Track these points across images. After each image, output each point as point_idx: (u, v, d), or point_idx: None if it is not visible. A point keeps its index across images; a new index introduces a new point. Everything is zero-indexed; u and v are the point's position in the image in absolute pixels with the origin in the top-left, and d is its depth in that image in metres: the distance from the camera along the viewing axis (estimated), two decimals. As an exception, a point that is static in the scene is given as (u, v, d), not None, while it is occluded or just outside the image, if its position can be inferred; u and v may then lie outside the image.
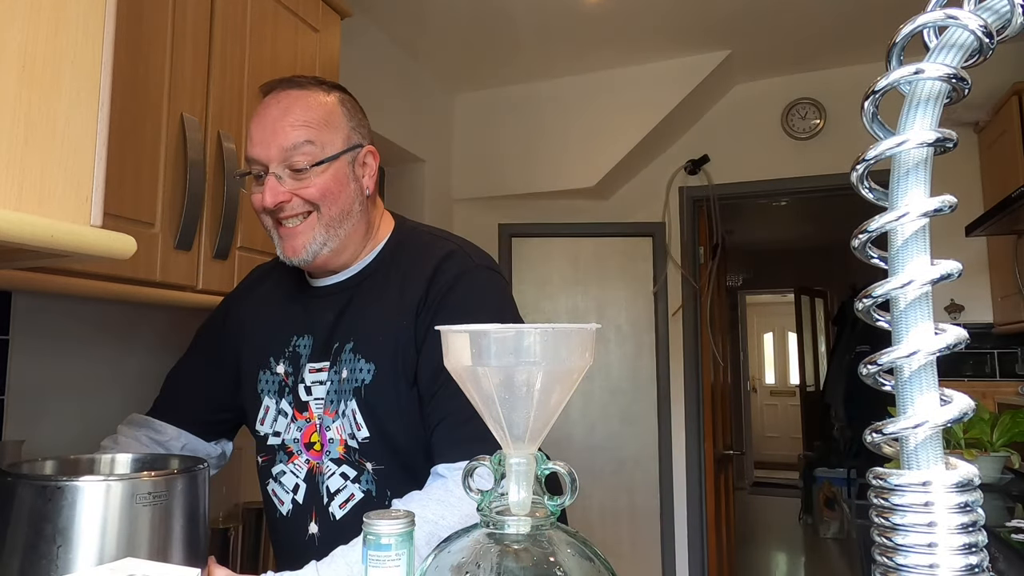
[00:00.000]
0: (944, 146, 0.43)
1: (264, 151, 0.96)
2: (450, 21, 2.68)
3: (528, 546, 0.55)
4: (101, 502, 0.73)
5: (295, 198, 0.96)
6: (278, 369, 1.06)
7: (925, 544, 0.42)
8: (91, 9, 0.80)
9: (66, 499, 0.73)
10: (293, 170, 0.96)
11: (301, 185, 0.96)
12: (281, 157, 0.95)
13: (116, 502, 0.74)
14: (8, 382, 1.27)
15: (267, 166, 0.96)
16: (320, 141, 0.97)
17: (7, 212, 0.70)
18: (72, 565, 0.72)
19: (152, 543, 0.76)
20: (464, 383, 0.59)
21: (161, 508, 0.77)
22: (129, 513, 0.75)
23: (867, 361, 0.46)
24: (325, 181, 0.97)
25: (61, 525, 0.72)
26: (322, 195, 0.97)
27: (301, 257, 0.99)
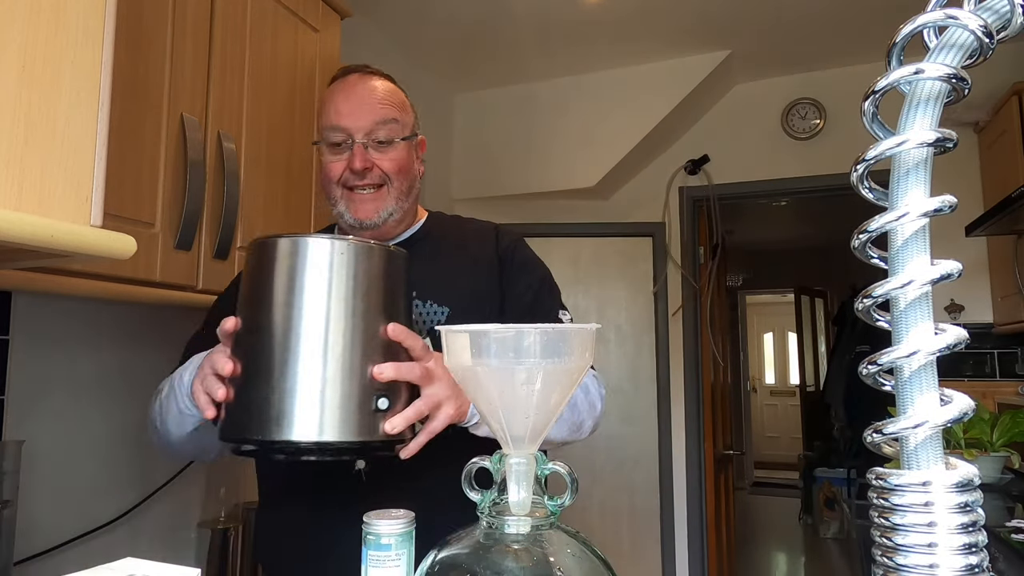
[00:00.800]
0: (944, 146, 0.43)
1: (354, 121, 1.06)
2: (450, 21, 2.68)
3: (528, 546, 0.55)
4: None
5: (375, 167, 1.07)
6: None
7: (925, 544, 0.42)
8: (91, 9, 0.80)
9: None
10: (377, 142, 1.07)
11: (382, 156, 1.08)
12: (369, 128, 1.06)
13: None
14: (8, 382, 1.27)
15: (353, 136, 1.06)
16: (401, 121, 1.10)
17: (7, 212, 0.70)
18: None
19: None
20: (464, 383, 0.59)
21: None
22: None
23: (867, 361, 0.46)
24: (401, 156, 1.09)
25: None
26: (397, 169, 1.08)
27: (373, 220, 1.08)
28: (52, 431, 1.35)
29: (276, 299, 0.76)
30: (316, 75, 1.64)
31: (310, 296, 0.75)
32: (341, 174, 1.07)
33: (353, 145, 1.06)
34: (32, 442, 1.28)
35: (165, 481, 1.57)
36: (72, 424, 1.39)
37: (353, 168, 1.06)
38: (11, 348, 1.28)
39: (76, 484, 1.39)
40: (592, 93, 3.21)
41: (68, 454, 1.38)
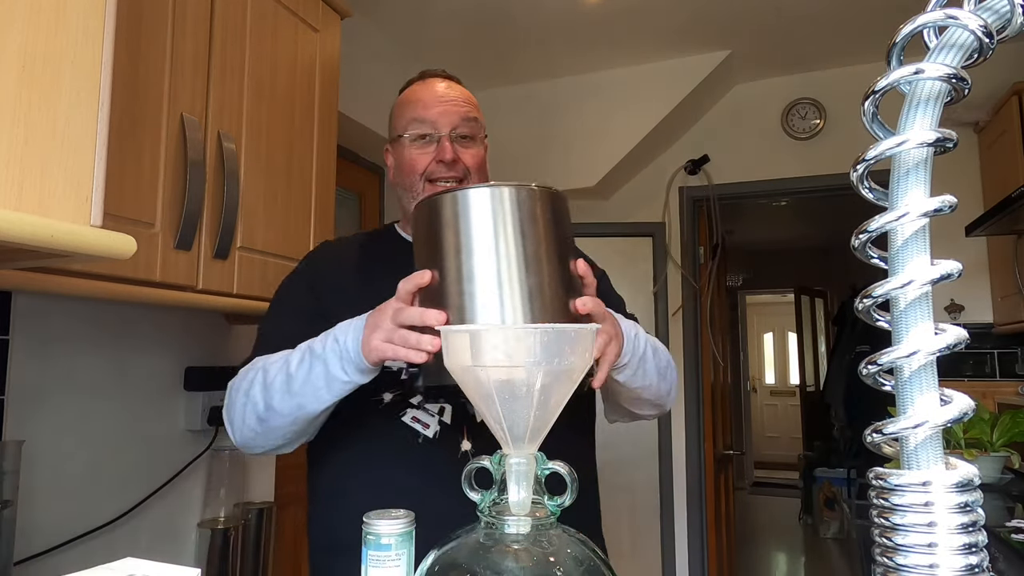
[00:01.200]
0: (944, 146, 0.43)
1: (441, 115, 1.11)
2: (450, 21, 2.68)
3: (528, 546, 0.55)
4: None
5: (460, 161, 1.11)
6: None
7: (925, 544, 0.42)
8: (91, 9, 0.80)
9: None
10: (461, 137, 1.12)
11: (465, 152, 1.12)
12: (456, 123, 1.11)
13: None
14: (8, 382, 1.27)
15: (439, 129, 1.11)
16: (480, 121, 1.17)
17: (7, 212, 0.70)
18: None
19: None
20: (464, 383, 0.59)
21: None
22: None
23: (867, 361, 0.46)
24: (481, 153, 1.15)
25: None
26: (478, 165, 1.13)
27: None
28: (52, 431, 1.35)
29: (475, 247, 0.78)
30: (316, 75, 1.64)
31: (510, 241, 0.78)
32: (426, 166, 1.10)
33: (439, 138, 1.10)
34: (32, 442, 1.28)
35: (165, 481, 1.57)
36: (72, 424, 1.39)
37: (443, 159, 1.09)
38: (11, 348, 1.28)
39: (76, 484, 1.39)
40: (592, 93, 3.21)
41: (68, 454, 1.38)
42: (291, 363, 0.94)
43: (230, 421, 1.03)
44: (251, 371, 1.01)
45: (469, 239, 0.78)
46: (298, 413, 0.94)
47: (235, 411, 1.01)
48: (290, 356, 0.95)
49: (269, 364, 0.98)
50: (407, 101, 1.16)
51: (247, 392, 0.99)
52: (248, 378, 1.00)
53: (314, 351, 0.92)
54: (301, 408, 0.93)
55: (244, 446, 1.04)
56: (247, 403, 0.98)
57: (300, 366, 0.92)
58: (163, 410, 1.59)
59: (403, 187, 1.15)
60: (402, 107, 1.16)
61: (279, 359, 0.97)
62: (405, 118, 1.14)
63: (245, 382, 1.00)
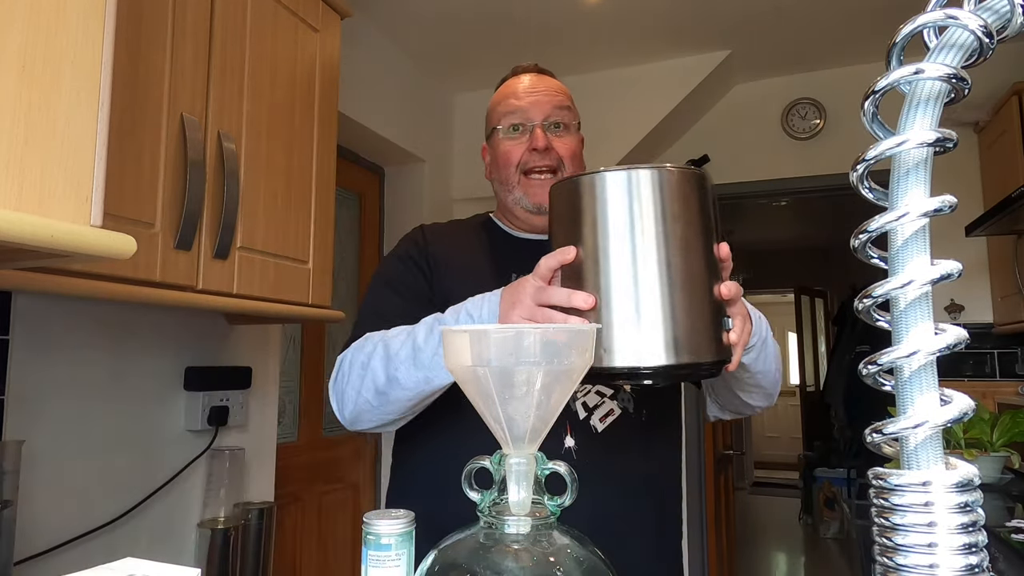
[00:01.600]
0: (944, 146, 0.43)
1: (536, 107, 1.13)
2: (450, 21, 2.68)
3: (528, 546, 0.55)
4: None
5: (553, 150, 1.11)
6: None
7: (925, 544, 0.42)
8: (91, 9, 0.80)
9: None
10: (554, 125, 1.13)
11: (558, 141, 1.13)
12: (547, 112, 1.12)
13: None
14: (8, 382, 1.27)
15: (532, 119, 1.12)
16: (572, 111, 1.17)
17: (7, 212, 0.70)
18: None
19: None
20: (464, 383, 0.59)
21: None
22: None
23: (867, 361, 0.46)
24: (575, 143, 1.15)
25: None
26: (571, 154, 1.13)
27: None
28: (52, 431, 1.35)
29: (620, 230, 0.76)
30: (316, 75, 1.64)
31: (659, 224, 0.76)
32: (520, 157, 1.12)
33: (532, 128, 1.12)
34: (32, 442, 1.29)
35: (165, 481, 1.57)
36: (72, 424, 1.39)
37: (536, 147, 1.10)
38: (11, 348, 1.28)
39: (76, 484, 1.39)
40: (592, 93, 3.21)
41: (68, 454, 1.38)
42: (417, 335, 0.92)
43: (340, 394, 1.01)
44: (367, 343, 0.99)
45: (615, 220, 0.77)
46: (424, 387, 0.92)
47: (350, 383, 0.99)
48: (415, 329, 0.94)
49: (390, 338, 0.96)
50: (500, 96, 1.18)
51: (365, 364, 0.97)
52: (366, 351, 0.98)
53: (444, 322, 0.91)
54: (428, 382, 0.91)
55: (353, 421, 1.02)
56: (365, 375, 0.96)
57: (429, 338, 0.90)
58: (163, 410, 1.59)
59: (499, 180, 1.16)
60: (495, 103, 1.18)
61: (402, 332, 0.95)
62: (498, 112, 1.16)
63: (362, 354, 0.98)
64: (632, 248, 0.76)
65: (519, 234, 1.19)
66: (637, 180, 0.77)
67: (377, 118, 2.62)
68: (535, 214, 1.12)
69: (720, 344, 0.78)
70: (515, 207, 1.15)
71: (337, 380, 1.03)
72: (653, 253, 0.75)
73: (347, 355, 1.02)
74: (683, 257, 0.76)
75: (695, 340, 0.76)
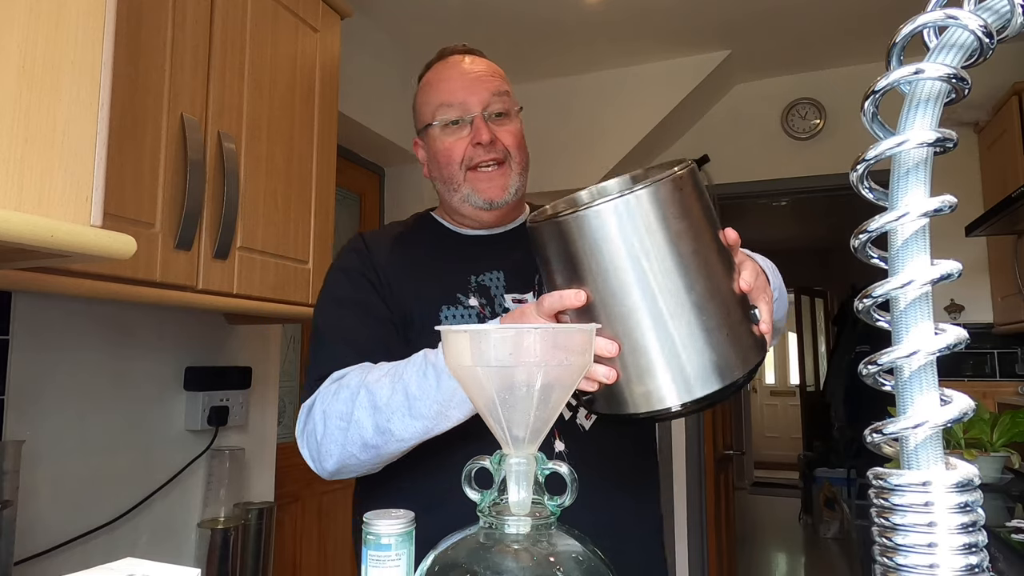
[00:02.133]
0: (944, 146, 0.43)
1: (470, 95, 1.03)
2: (450, 21, 2.68)
3: (528, 546, 0.54)
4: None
5: (497, 142, 1.03)
6: (470, 302, 1.02)
7: (925, 544, 0.42)
8: (91, 9, 0.80)
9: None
10: (497, 115, 1.04)
11: (502, 130, 1.04)
12: (487, 101, 1.03)
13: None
14: (8, 382, 1.27)
15: (471, 111, 1.03)
16: (510, 95, 1.07)
17: (7, 212, 0.70)
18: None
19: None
20: (464, 383, 0.59)
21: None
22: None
23: (867, 361, 0.46)
24: (518, 129, 1.07)
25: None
26: (517, 142, 1.06)
27: (504, 198, 1.04)
28: (52, 431, 1.35)
29: (629, 270, 0.68)
30: (316, 75, 1.64)
31: (670, 249, 0.68)
32: (463, 153, 1.03)
33: (472, 120, 1.03)
34: (32, 442, 1.28)
35: (165, 481, 1.57)
36: (72, 424, 1.39)
37: (480, 141, 1.02)
38: (11, 348, 1.28)
39: (76, 484, 1.39)
40: (592, 93, 3.21)
41: (68, 454, 1.38)
42: (408, 382, 0.84)
43: (317, 448, 0.91)
44: (342, 391, 0.89)
45: (620, 260, 0.68)
46: (425, 436, 0.85)
47: (329, 437, 0.89)
48: (401, 371, 0.86)
49: (371, 384, 0.87)
50: (430, 85, 1.08)
51: (345, 416, 0.87)
52: (342, 399, 0.88)
53: (441, 369, 0.82)
54: (428, 431, 0.84)
55: (336, 473, 0.92)
56: (349, 428, 0.87)
57: (423, 383, 0.82)
58: (163, 410, 1.59)
59: (442, 180, 1.07)
60: (426, 93, 1.08)
61: (384, 377, 0.87)
62: (431, 104, 1.06)
63: (339, 404, 0.88)
64: (647, 285, 0.68)
65: (468, 232, 1.11)
66: (633, 206, 0.67)
67: (377, 118, 2.62)
68: (486, 210, 1.05)
69: (757, 343, 0.74)
70: (462, 205, 1.06)
71: (309, 431, 0.93)
72: (672, 283, 0.68)
73: (316, 404, 0.92)
74: (704, 274, 0.69)
75: (738, 353, 0.71)
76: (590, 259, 0.69)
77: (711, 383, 0.69)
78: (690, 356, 0.69)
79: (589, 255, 0.69)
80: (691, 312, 0.68)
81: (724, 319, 0.70)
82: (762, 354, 0.75)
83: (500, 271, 1.04)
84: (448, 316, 1.00)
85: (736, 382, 0.71)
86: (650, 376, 0.70)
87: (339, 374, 0.94)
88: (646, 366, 0.70)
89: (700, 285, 0.69)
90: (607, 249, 0.68)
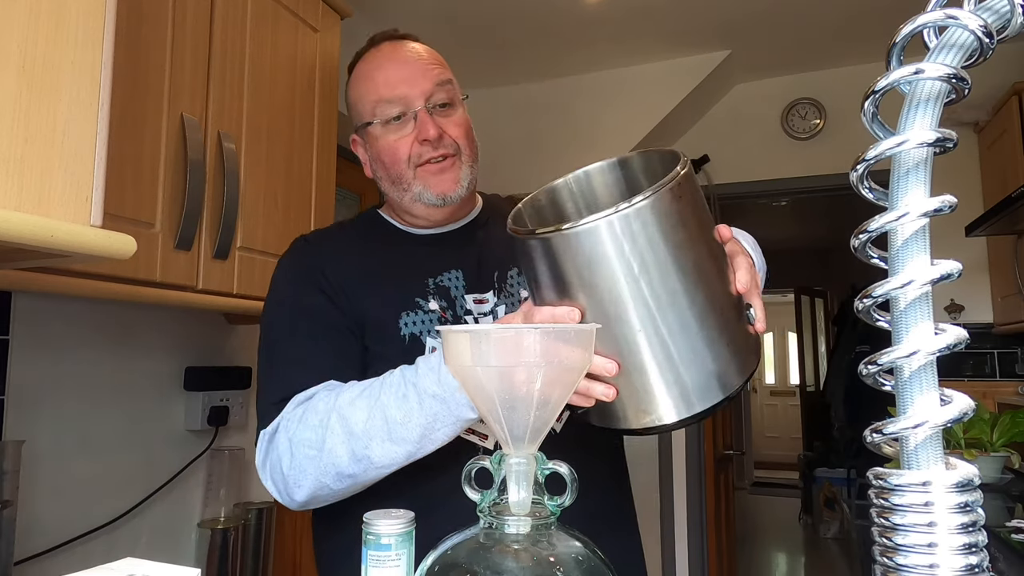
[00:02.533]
0: (944, 146, 0.43)
1: (411, 88, 0.95)
2: (450, 21, 2.68)
3: (528, 546, 0.54)
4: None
5: (445, 135, 0.96)
6: (430, 306, 0.96)
7: (925, 544, 0.42)
8: (91, 9, 0.80)
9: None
10: (440, 106, 0.97)
11: (448, 122, 0.97)
12: (430, 92, 0.96)
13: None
14: (8, 382, 1.27)
15: (412, 105, 0.95)
16: (452, 83, 0.99)
17: (7, 212, 0.70)
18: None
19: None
20: (464, 383, 0.59)
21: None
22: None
23: (867, 361, 0.46)
24: (465, 118, 1.00)
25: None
26: (465, 133, 0.99)
27: (457, 192, 0.98)
28: (52, 431, 1.35)
29: (626, 289, 0.64)
30: (316, 75, 1.64)
31: (671, 264, 0.64)
32: (409, 151, 0.96)
33: (416, 114, 0.95)
34: (32, 442, 1.28)
35: (165, 481, 1.57)
36: (72, 424, 1.39)
37: (427, 138, 0.94)
38: (11, 348, 1.28)
39: (76, 484, 1.39)
40: (592, 93, 3.21)
41: (68, 454, 1.38)
42: (387, 406, 0.78)
43: (283, 479, 0.84)
44: (308, 415, 0.83)
45: (616, 281, 0.64)
46: (406, 461, 0.80)
47: (297, 467, 0.82)
48: (376, 391, 0.80)
49: (343, 407, 0.81)
50: (365, 77, 0.98)
51: (315, 445, 0.81)
52: (310, 425, 0.82)
53: (423, 389, 0.77)
54: (411, 456, 0.79)
55: (306, 504, 0.86)
56: (320, 457, 0.80)
57: (403, 405, 0.78)
58: (163, 410, 1.59)
59: (389, 180, 0.99)
60: (361, 86, 0.99)
61: (358, 399, 0.81)
62: (368, 100, 0.97)
63: (307, 432, 0.82)
64: (646, 304, 0.64)
65: (420, 231, 1.04)
66: (632, 220, 0.62)
67: (377, 118, 2.62)
68: (440, 207, 0.98)
69: (753, 346, 0.72)
70: (414, 205, 0.99)
71: (273, 462, 0.85)
72: (672, 300, 0.64)
73: (280, 432, 0.85)
74: (704, 283, 0.66)
75: (737, 362, 0.69)
76: (583, 278, 0.64)
77: (711, 396, 0.68)
78: (690, 372, 0.67)
79: (582, 274, 0.64)
80: (692, 327, 0.66)
81: (724, 328, 0.68)
82: (758, 357, 0.73)
83: (459, 270, 1.00)
84: (407, 323, 0.94)
85: (735, 392, 0.69)
86: (648, 394, 0.68)
87: (302, 396, 0.86)
88: (645, 384, 0.67)
89: (700, 296, 0.66)
90: (603, 269, 0.63)
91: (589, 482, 0.98)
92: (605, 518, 1.01)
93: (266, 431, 0.87)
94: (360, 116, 1.00)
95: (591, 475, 0.96)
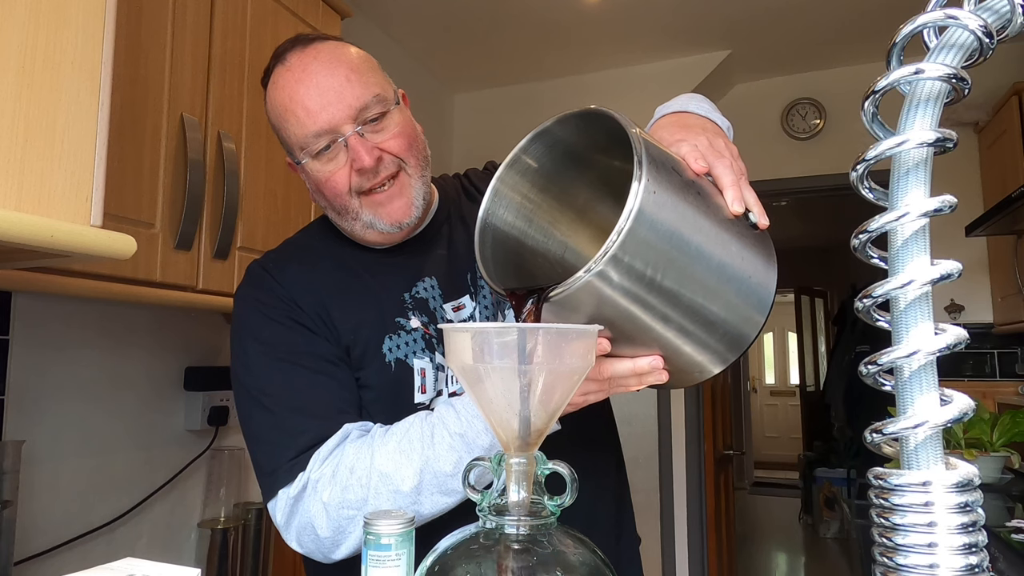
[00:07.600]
0: (944, 146, 0.43)
1: (334, 114, 0.83)
2: (450, 21, 2.68)
3: (528, 546, 0.54)
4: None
5: (383, 154, 0.86)
6: (412, 324, 0.91)
7: (925, 544, 0.42)
8: (91, 9, 0.80)
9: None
10: (372, 121, 0.85)
11: (384, 137, 0.86)
12: (355, 112, 0.84)
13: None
14: (8, 382, 1.27)
15: (340, 131, 0.84)
16: (380, 88, 0.87)
17: (7, 212, 0.70)
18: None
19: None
20: (465, 382, 0.59)
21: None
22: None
23: (867, 361, 0.46)
24: (402, 122, 0.89)
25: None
26: (407, 142, 0.88)
27: (411, 216, 0.89)
28: (52, 431, 1.35)
29: (634, 313, 0.64)
30: (316, 75, 1.64)
31: (672, 276, 0.64)
32: (349, 182, 0.86)
33: (346, 141, 0.84)
34: (32, 442, 1.28)
35: (165, 481, 1.57)
36: (72, 424, 1.39)
37: (362, 167, 0.84)
38: (11, 348, 1.28)
39: (76, 484, 1.39)
40: (592, 93, 3.21)
41: (68, 454, 1.38)
42: (439, 461, 0.76)
43: (317, 542, 0.79)
44: (341, 473, 0.78)
45: (627, 310, 0.64)
46: (453, 509, 0.79)
47: (340, 532, 0.78)
48: (423, 452, 0.77)
49: (382, 465, 0.77)
50: (283, 109, 0.86)
51: (358, 506, 0.77)
52: (348, 486, 0.77)
53: (469, 439, 0.75)
54: (460, 501, 0.78)
55: (344, 558, 0.81)
56: (362, 518, 0.75)
57: (455, 461, 0.76)
58: (163, 410, 1.59)
59: (334, 210, 0.90)
60: (280, 117, 0.87)
61: (398, 455, 0.77)
62: (290, 133, 0.86)
63: (346, 492, 0.77)
64: (665, 318, 0.66)
65: (384, 246, 0.95)
66: (619, 260, 0.60)
67: (377, 118, 2.62)
68: (397, 230, 0.90)
69: (768, 260, 0.73)
70: (367, 232, 0.90)
71: (303, 526, 0.80)
72: (690, 301, 0.66)
73: (307, 495, 0.79)
74: (712, 256, 0.66)
75: (761, 298, 0.72)
76: (595, 318, 0.64)
77: (744, 342, 0.72)
78: (721, 338, 0.71)
79: (592, 317, 0.64)
80: (713, 306, 0.68)
81: (741, 274, 0.69)
82: (774, 264, 0.74)
83: (432, 277, 0.94)
84: (392, 348, 0.89)
85: (773, 301, 0.73)
86: (696, 363, 0.73)
87: (325, 452, 0.80)
88: (690, 360, 0.72)
89: (713, 277, 0.66)
90: (609, 309, 0.63)
91: (589, 482, 0.98)
92: (605, 518, 1.01)
93: (287, 494, 0.80)
94: (288, 148, 0.90)
95: (591, 475, 0.97)
